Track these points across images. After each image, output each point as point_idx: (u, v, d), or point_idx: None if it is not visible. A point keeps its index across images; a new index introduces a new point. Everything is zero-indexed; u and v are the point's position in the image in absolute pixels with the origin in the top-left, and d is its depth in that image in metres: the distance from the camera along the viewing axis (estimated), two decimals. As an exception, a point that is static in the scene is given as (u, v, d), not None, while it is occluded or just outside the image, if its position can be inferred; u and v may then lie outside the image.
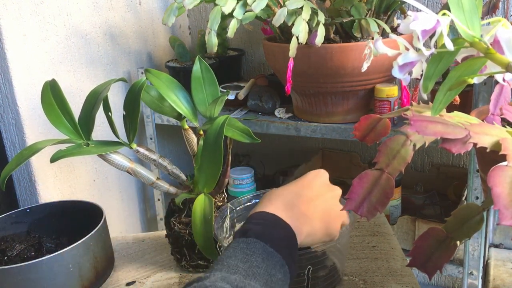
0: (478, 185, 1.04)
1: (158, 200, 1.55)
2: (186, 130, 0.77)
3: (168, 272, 0.78)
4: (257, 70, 1.66)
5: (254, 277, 0.48)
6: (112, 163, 0.72)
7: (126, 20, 1.42)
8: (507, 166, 0.42)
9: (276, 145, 1.72)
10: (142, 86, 0.70)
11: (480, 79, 0.46)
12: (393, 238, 0.82)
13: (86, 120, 0.73)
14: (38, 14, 1.14)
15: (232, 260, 0.49)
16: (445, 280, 1.53)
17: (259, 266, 0.49)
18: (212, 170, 0.69)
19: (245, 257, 0.49)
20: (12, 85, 1.10)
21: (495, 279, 1.11)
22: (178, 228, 0.75)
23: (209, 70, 0.77)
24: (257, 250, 0.50)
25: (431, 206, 1.38)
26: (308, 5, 0.98)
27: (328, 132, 1.16)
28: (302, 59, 1.03)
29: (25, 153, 0.69)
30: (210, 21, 0.96)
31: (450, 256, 0.47)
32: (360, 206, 0.49)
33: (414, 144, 0.48)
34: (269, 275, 0.49)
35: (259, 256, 0.50)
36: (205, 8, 1.66)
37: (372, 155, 1.58)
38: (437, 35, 0.42)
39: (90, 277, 0.73)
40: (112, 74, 1.38)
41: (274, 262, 0.50)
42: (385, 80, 1.12)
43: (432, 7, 1.32)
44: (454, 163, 1.45)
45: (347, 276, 0.72)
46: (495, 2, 0.98)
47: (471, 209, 0.47)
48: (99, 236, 0.74)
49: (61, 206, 0.84)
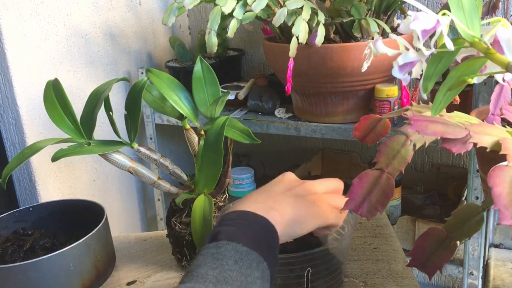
0: (478, 185, 1.04)
1: (158, 200, 1.55)
2: (188, 130, 0.77)
3: (169, 272, 0.78)
4: (257, 70, 1.66)
5: (226, 282, 0.45)
6: (113, 163, 0.72)
7: (126, 20, 1.42)
8: (507, 166, 0.42)
9: (276, 145, 1.72)
10: (143, 86, 0.70)
11: (480, 79, 0.46)
12: (395, 240, 0.82)
13: (88, 120, 0.73)
14: (38, 14, 1.14)
15: (201, 268, 0.46)
16: (445, 280, 1.53)
17: (231, 269, 0.46)
18: (212, 171, 0.69)
19: (215, 263, 0.46)
20: (12, 85, 1.10)
21: (495, 279, 1.11)
22: (179, 228, 0.75)
23: (210, 70, 0.77)
24: (228, 253, 0.47)
25: (431, 206, 1.38)
26: (308, 5, 0.99)
27: (328, 132, 1.16)
28: (302, 59, 1.04)
29: (26, 152, 0.69)
30: (210, 21, 0.96)
31: (450, 256, 0.47)
32: (360, 206, 0.49)
33: (414, 144, 0.48)
34: (243, 276, 0.46)
35: (231, 259, 0.47)
36: (205, 8, 1.66)
37: (372, 155, 1.58)
38: (437, 35, 0.42)
39: (91, 276, 0.73)
40: (112, 74, 1.38)
41: (249, 261, 0.48)
42: (385, 80, 1.13)
43: (432, 7, 1.33)
44: (454, 163, 1.45)
45: (348, 277, 0.72)
46: (495, 2, 0.98)
47: (471, 209, 0.47)
48: (100, 235, 0.74)
49: (62, 205, 0.84)
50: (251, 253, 0.48)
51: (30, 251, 0.77)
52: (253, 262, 0.48)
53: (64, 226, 0.83)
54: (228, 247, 0.48)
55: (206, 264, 0.47)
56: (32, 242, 0.78)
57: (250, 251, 0.48)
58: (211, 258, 0.47)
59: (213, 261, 0.47)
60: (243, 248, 0.48)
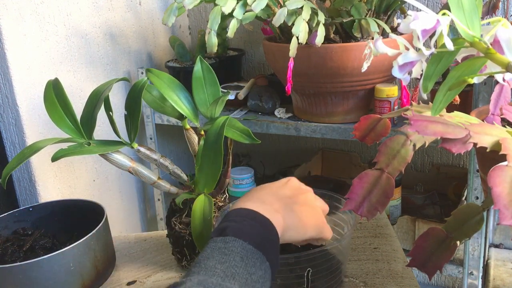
0: (478, 185, 1.04)
1: (158, 200, 1.55)
2: (188, 130, 0.77)
3: (169, 272, 0.78)
4: (257, 70, 1.66)
5: (233, 277, 0.47)
6: (113, 163, 0.72)
7: (126, 20, 1.42)
8: (507, 166, 0.42)
9: (276, 145, 1.72)
10: (143, 86, 0.70)
11: (480, 79, 0.46)
12: (395, 240, 0.82)
13: (88, 120, 0.73)
14: (38, 14, 1.14)
15: (209, 261, 0.48)
16: (445, 280, 1.53)
17: (237, 266, 0.48)
18: (212, 171, 0.69)
19: (223, 258, 0.48)
20: (12, 85, 1.10)
21: (495, 279, 1.11)
22: (179, 228, 0.75)
23: (210, 70, 0.77)
24: (235, 249, 0.49)
25: (431, 206, 1.38)
26: (308, 5, 0.99)
27: (328, 132, 1.16)
28: (302, 59, 1.04)
29: (26, 152, 0.69)
30: (210, 21, 0.96)
31: (450, 256, 0.47)
32: (360, 206, 0.49)
33: (414, 144, 0.48)
34: (248, 273, 0.48)
35: (238, 255, 0.49)
36: (205, 8, 1.66)
37: (372, 155, 1.58)
38: (437, 35, 0.42)
39: (91, 276, 0.73)
40: (112, 74, 1.38)
41: (253, 259, 0.49)
42: (385, 80, 1.13)
43: (432, 7, 1.33)
44: (454, 163, 1.45)
45: (348, 277, 0.72)
46: (495, 2, 0.98)
47: (471, 209, 0.47)
48: (100, 235, 0.74)
49: (63, 205, 0.84)
50: (256, 252, 0.50)
51: (30, 251, 0.77)
52: (257, 261, 0.50)
53: (64, 226, 0.83)
54: (236, 244, 0.50)
55: (214, 257, 0.48)
56: (32, 242, 0.78)
57: (254, 250, 0.50)
58: (218, 252, 0.49)
59: (221, 255, 0.49)
60: (248, 246, 0.50)
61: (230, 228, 0.52)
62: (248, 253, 0.49)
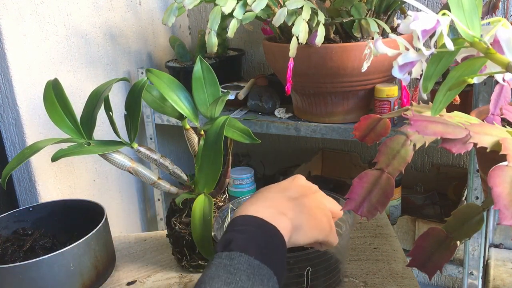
0: (478, 185, 1.04)
1: (158, 200, 1.55)
2: (188, 130, 0.77)
3: (169, 272, 0.78)
4: (257, 70, 1.66)
5: None
6: (113, 163, 0.72)
7: (126, 20, 1.42)
8: (507, 166, 0.42)
9: (276, 145, 1.72)
10: (143, 86, 0.70)
11: (480, 79, 0.46)
12: (395, 240, 0.82)
13: (88, 120, 0.73)
14: (38, 14, 1.14)
15: (215, 282, 0.46)
16: (445, 280, 1.53)
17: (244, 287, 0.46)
18: (212, 171, 0.69)
19: (229, 277, 0.46)
20: (12, 85, 1.10)
21: (495, 279, 1.11)
22: (179, 228, 0.75)
23: (210, 70, 0.77)
24: (242, 266, 0.48)
25: (431, 206, 1.38)
26: (308, 5, 0.99)
27: (328, 132, 1.16)
28: (302, 59, 1.04)
29: (26, 152, 0.69)
30: (210, 21, 0.96)
31: (450, 256, 0.47)
32: (360, 206, 0.49)
33: (414, 144, 0.48)
34: None
35: (244, 273, 0.47)
36: (205, 8, 1.66)
37: (372, 155, 1.58)
38: (437, 35, 0.42)
39: (91, 276, 0.73)
40: (112, 74, 1.38)
41: (261, 276, 0.48)
42: (385, 80, 1.13)
43: (432, 7, 1.33)
44: (454, 163, 1.45)
45: (348, 277, 0.72)
46: (495, 2, 0.98)
47: (471, 209, 0.47)
48: (100, 235, 0.74)
49: (63, 205, 0.84)
50: (263, 267, 0.49)
51: (30, 251, 0.77)
52: (264, 278, 0.48)
53: (64, 226, 0.83)
54: (242, 260, 0.48)
55: (220, 276, 0.47)
56: (32, 242, 0.78)
57: (261, 265, 0.49)
58: (224, 271, 0.47)
59: (227, 274, 0.47)
60: (255, 261, 0.48)
61: (236, 242, 0.50)
62: (255, 270, 0.48)
